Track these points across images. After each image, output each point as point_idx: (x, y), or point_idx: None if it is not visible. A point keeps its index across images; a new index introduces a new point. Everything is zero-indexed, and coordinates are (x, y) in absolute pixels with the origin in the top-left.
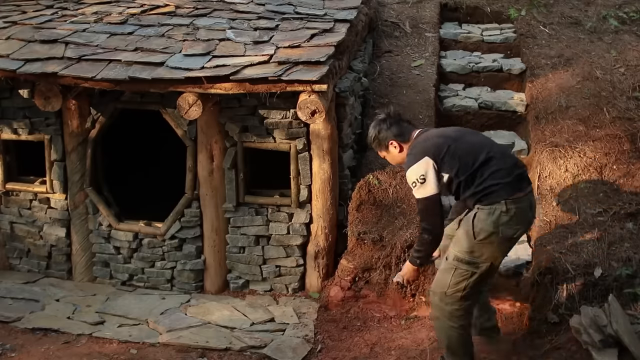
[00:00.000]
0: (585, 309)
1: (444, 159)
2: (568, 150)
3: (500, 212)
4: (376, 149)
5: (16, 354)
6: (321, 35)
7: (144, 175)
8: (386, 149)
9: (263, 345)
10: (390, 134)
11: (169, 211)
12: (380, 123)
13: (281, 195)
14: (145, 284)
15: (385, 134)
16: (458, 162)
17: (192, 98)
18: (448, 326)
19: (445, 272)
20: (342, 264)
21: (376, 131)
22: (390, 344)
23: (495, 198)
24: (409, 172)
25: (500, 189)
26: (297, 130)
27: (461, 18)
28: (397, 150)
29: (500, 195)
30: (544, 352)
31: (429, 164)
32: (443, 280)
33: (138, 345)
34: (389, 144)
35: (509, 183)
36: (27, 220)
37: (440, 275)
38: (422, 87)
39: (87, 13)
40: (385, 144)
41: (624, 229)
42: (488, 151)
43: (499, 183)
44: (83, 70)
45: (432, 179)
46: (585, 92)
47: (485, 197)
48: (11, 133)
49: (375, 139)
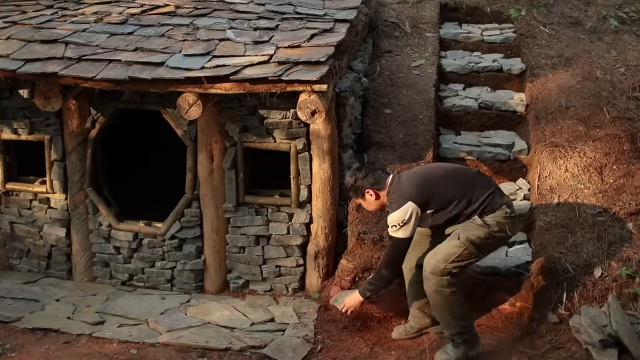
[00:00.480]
0: (585, 309)
1: (429, 199)
2: (568, 150)
3: (505, 212)
4: (352, 196)
5: (16, 354)
6: (321, 35)
7: (144, 175)
8: (362, 197)
9: (263, 345)
10: (366, 182)
11: (169, 211)
12: (355, 172)
13: (281, 195)
14: (145, 284)
15: (361, 183)
16: (447, 196)
17: (192, 98)
18: (448, 293)
19: (454, 247)
20: (342, 264)
21: (352, 180)
22: (390, 344)
23: (495, 206)
24: (392, 216)
25: (496, 198)
26: (297, 130)
27: (461, 18)
28: (373, 198)
29: (498, 202)
30: (544, 352)
31: (413, 208)
32: (448, 254)
33: (138, 345)
34: (365, 192)
35: (497, 191)
36: (27, 220)
37: (445, 250)
38: (422, 87)
39: (87, 13)
40: (362, 192)
41: (624, 229)
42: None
43: (492, 193)
44: (83, 70)
45: (412, 223)
46: (585, 92)
47: (487, 208)
48: (11, 133)
49: (352, 187)
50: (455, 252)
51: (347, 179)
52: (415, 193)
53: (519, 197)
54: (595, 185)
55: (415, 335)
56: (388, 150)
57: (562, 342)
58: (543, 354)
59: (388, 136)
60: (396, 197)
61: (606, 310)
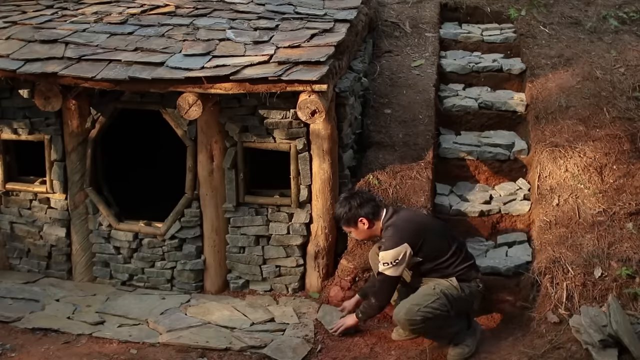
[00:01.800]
0: (585, 309)
1: (422, 246)
2: (568, 150)
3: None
4: (343, 225)
5: (16, 354)
6: (321, 35)
7: (144, 175)
8: (354, 225)
9: (263, 345)
10: (361, 211)
11: (169, 211)
12: (350, 201)
13: (281, 195)
14: (145, 284)
15: (355, 211)
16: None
17: (192, 98)
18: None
19: (427, 295)
20: (342, 264)
21: (346, 209)
22: (390, 344)
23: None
24: (388, 253)
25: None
26: (297, 130)
27: (461, 18)
28: (366, 227)
29: (473, 275)
30: (544, 352)
31: (408, 250)
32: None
33: (138, 345)
34: (358, 221)
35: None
36: (27, 220)
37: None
38: (422, 87)
39: (87, 13)
40: (355, 220)
41: (624, 229)
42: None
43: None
44: (83, 70)
45: (404, 264)
46: (585, 92)
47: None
48: (11, 133)
49: (344, 215)
50: (428, 300)
51: (339, 209)
52: (411, 236)
53: (519, 197)
54: (595, 185)
55: (414, 335)
56: (388, 150)
57: (562, 342)
58: (543, 354)
59: (388, 136)
60: (392, 235)
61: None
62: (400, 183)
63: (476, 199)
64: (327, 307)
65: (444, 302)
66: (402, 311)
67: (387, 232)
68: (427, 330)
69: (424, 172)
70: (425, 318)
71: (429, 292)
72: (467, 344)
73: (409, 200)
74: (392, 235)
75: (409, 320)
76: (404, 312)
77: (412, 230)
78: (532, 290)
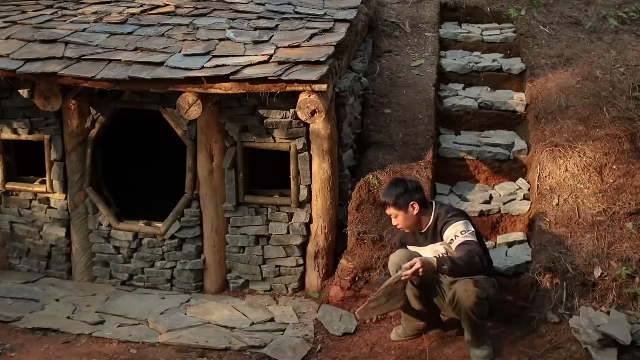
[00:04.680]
0: (585, 309)
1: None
2: (568, 150)
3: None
4: (392, 206)
5: (16, 354)
6: (321, 35)
7: (144, 175)
8: (405, 209)
9: (263, 345)
10: (416, 196)
11: (169, 211)
12: (406, 182)
13: (281, 195)
14: (145, 284)
15: (411, 194)
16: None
17: (192, 98)
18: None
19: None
20: (342, 264)
21: (401, 189)
22: (390, 344)
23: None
24: (459, 225)
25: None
26: (297, 130)
27: (461, 18)
28: (415, 212)
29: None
30: (544, 352)
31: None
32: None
33: (138, 345)
34: (410, 205)
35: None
36: (27, 220)
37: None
38: (422, 87)
39: (87, 13)
40: (407, 203)
41: (624, 229)
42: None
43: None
44: (83, 70)
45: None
46: (585, 92)
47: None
48: (11, 133)
49: (399, 195)
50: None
51: (393, 188)
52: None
53: (519, 197)
54: (595, 185)
55: (414, 336)
56: (388, 150)
57: (562, 342)
58: (543, 354)
59: (388, 136)
60: (455, 214)
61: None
62: None
63: (476, 199)
64: (327, 307)
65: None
66: (472, 284)
67: (448, 215)
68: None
69: (424, 172)
70: (488, 297)
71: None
72: (490, 345)
73: None
74: (455, 215)
75: (480, 292)
76: (474, 284)
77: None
78: (532, 290)
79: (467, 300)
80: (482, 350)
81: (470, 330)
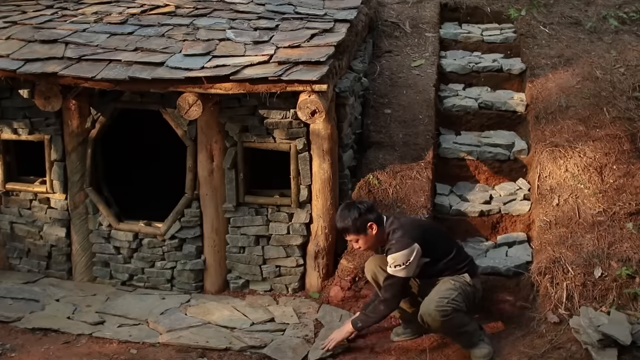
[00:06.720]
0: (585, 309)
1: (429, 246)
2: (568, 150)
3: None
4: (352, 233)
5: (16, 354)
6: (321, 35)
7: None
8: (364, 232)
9: (263, 345)
10: (370, 216)
11: (169, 211)
12: (357, 206)
13: (281, 195)
14: (145, 284)
15: (365, 217)
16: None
17: (192, 98)
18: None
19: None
20: (342, 264)
21: (355, 214)
22: (390, 344)
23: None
24: (397, 255)
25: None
26: (297, 130)
27: (461, 18)
28: (374, 233)
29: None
30: (544, 352)
31: (418, 249)
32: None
33: (138, 345)
34: (368, 226)
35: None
36: (27, 220)
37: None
38: (422, 87)
39: (87, 13)
40: (365, 226)
41: (624, 229)
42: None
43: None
44: (83, 70)
45: (415, 264)
46: (585, 92)
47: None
48: (11, 133)
49: (354, 221)
50: (452, 294)
51: (347, 217)
52: (419, 236)
53: (519, 197)
54: (595, 185)
55: (414, 336)
56: (388, 150)
57: (562, 342)
58: (543, 354)
59: (388, 136)
60: (401, 236)
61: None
62: (400, 183)
63: (476, 199)
64: (327, 307)
65: (464, 297)
66: (431, 305)
67: (394, 234)
68: (451, 327)
69: (424, 172)
70: (454, 309)
71: (450, 286)
72: (487, 342)
73: (409, 201)
74: (401, 237)
75: (441, 312)
76: (434, 305)
77: (419, 231)
78: (532, 290)
79: (434, 322)
80: (480, 349)
81: (456, 340)
